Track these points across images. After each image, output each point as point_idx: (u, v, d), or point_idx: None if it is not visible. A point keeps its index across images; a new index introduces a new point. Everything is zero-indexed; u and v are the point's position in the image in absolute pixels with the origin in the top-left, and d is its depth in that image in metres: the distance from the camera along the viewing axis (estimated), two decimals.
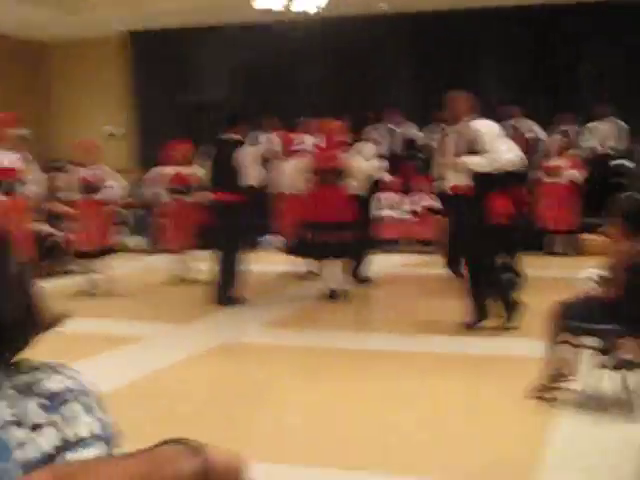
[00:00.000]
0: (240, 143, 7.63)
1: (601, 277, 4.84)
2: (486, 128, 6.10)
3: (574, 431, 3.99)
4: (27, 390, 0.94)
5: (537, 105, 11.97)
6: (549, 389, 4.35)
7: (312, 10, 9.48)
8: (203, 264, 8.22)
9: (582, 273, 4.69)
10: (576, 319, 4.28)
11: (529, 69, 12.40)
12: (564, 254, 10.64)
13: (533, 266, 8.02)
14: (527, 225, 9.46)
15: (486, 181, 6.02)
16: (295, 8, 9.48)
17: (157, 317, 7.23)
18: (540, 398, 4.36)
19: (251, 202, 7.70)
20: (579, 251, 10.61)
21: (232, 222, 7.43)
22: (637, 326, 4.17)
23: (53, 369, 0.98)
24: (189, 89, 13.56)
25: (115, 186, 8.27)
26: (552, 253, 10.70)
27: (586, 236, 10.73)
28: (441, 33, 12.37)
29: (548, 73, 12.27)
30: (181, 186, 8.97)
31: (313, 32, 11.93)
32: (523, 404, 4.39)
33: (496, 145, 6.06)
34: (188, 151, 9.09)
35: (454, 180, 6.24)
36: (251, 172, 7.57)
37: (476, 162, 5.97)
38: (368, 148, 8.93)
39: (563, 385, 4.48)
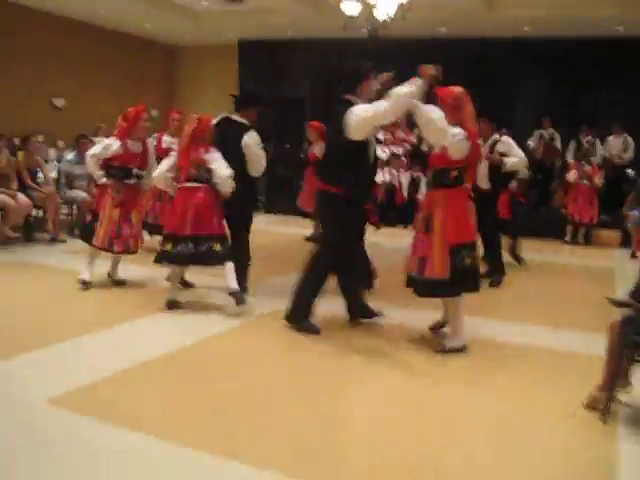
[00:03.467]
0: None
1: None
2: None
3: None
4: None
5: (561, 119, 14.09)
6: (608, 403, 4.03)
7: (384, 17, 10.61)
8: None
9: None
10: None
11: (559, 90, 14.48)
12: (579, 243, 11.92)
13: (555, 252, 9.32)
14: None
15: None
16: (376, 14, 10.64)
17: None
18: (597, 410, 3.90)
19: None
20: (590, 242, 11.96)
21: None
22: None
23: None
24: (283, 88, 16.42)
25: None
26: (568, 242, 11.98)
27: (602, 231, 12.14)
28: (485, 58, 14.31)
29: (572, 94, 14.34)
30: None
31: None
32: (580, 417, 3.88)
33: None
34: None
35: None
36: None
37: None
38: None
39: (620, 398, 4.06)
